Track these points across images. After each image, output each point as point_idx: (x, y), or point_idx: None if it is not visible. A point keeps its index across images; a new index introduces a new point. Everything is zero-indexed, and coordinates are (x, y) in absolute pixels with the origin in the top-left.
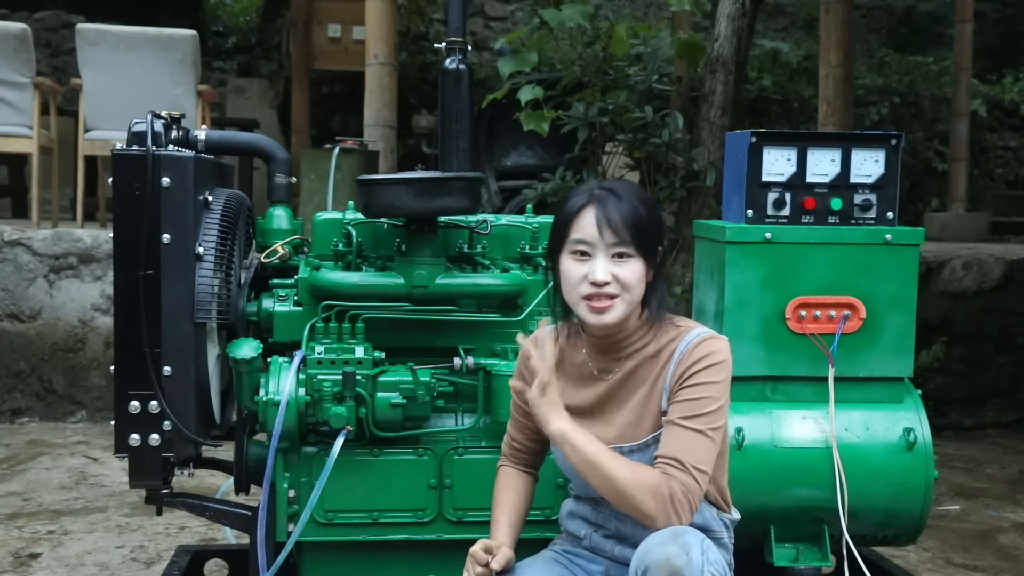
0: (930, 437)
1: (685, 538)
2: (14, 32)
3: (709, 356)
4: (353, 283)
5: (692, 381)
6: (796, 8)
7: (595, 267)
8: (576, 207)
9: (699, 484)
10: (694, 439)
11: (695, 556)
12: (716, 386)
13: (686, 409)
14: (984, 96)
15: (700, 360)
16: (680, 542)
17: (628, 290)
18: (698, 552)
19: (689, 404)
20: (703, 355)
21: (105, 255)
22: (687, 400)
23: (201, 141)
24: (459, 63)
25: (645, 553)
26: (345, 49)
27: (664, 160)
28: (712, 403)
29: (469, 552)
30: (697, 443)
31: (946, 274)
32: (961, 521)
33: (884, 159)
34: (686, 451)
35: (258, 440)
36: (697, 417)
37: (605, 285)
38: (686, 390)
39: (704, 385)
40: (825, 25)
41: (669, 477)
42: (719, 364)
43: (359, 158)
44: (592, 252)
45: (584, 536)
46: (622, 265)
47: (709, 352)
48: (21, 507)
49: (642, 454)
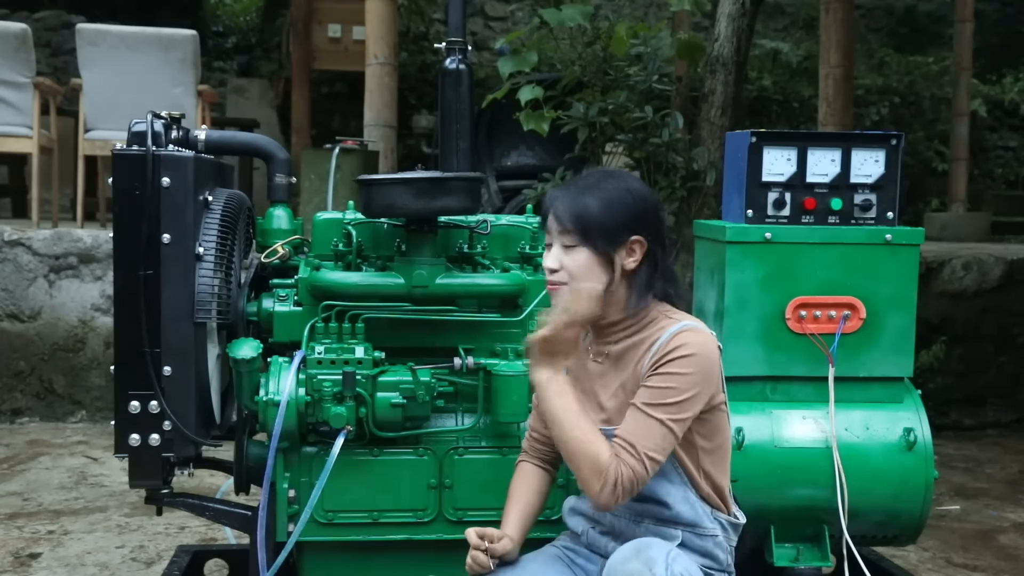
0: (930, 437)
1: (648, 553)
2: (14, 32)
3: (682, 347)
4: (353, 283)
5: (662, 370)
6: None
7: (548, 255)
8: (548, 201)
9: (647, 471)
10: (652, 427)
11: (658, 571)
12: (684, 377)
13: (651, 396)
14: (984, 96)
15: (674, 351)
16: (643, 558)
17: (574, 278)
18: (662, 567)
19: (654, 392)
20: (677, 346)
21: (105, 255)
22: (653, 388)
23: (201, 141)
24: (459, 63)
25: (609, 571)
26: (345, 49)
27: (664, 160)
28: (676, 394)
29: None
30: (654, 430)
31: (946, 274)
32: (961, 521)
33: (884, 159)
34: (641, 436)
35: (258, 440)
36: (660, 406)
37: (554, 272)
38: (654, 378)
39: (672, 375)
40: (825, 25)
41: (619, 461)
42: (691, 357)
43: (359, 158)
44: (551, 241)
45: (582, 532)
46: (568, 255)
47: (683, 343)
48: (21, 507)
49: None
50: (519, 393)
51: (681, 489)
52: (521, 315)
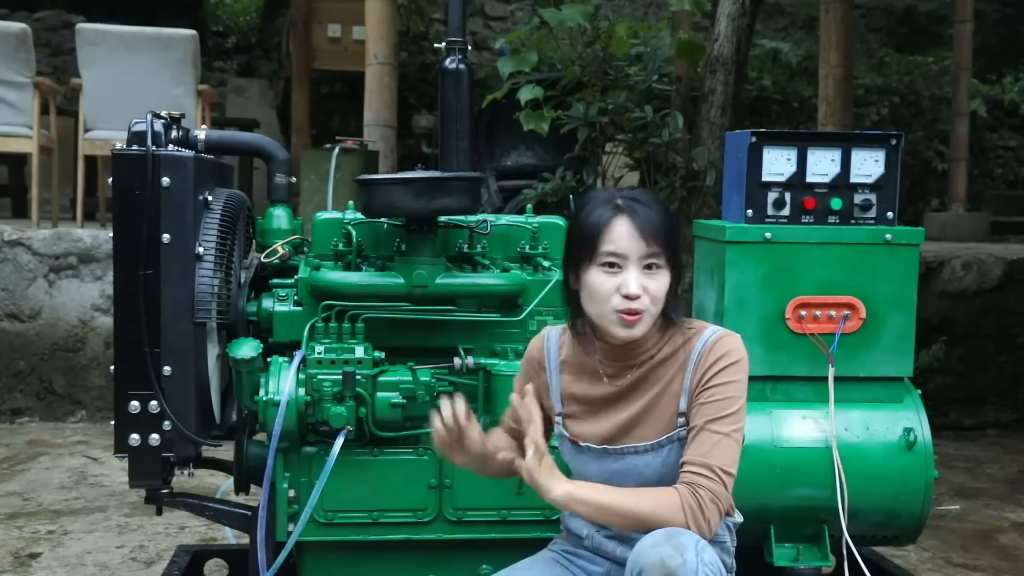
0: (930, 437)
1: (680, 539)
2: (14, 32)
3: (727, 355)
4: (353, 283)
5: (713, 382)
6: (796, 8)
7: (628, 279)
8: (606, 217)
9: (727, 488)
10: (720, 443)
11: (689, 557)
12: (736, 385)
13: (711, 412)
14: (984, 96)
15: (719, 360)
16: (674, 543)
17: (656, 303)
18: (692, 553)
19: (713, 406)
20: (721, 355)
21: (105, 255)
22: (711, 402)
23: (201, 141)
24: (459, 63)
25: (639, 554)
26: (345, 49)
27: (664, 160)
28: (734, 403)
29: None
30: (723, 446)
31: (946, 274)
32: (961, 521)
33: (884, 159)
34: (714, 455)
35: (258, 440)
36: (721, 419)
37: (637, 298)
38: (708, 391)
39: (725, 385)
40: (825, 25)
41: (693, 488)
42: (737, 363)
43: (359, 158)
44: (624, 264)
45: (586, 536)
46: (652, 277)
47: (727, 351)
48: (21, 507)
49: (655, 454)
50: None
51: None
52: (521, 315)
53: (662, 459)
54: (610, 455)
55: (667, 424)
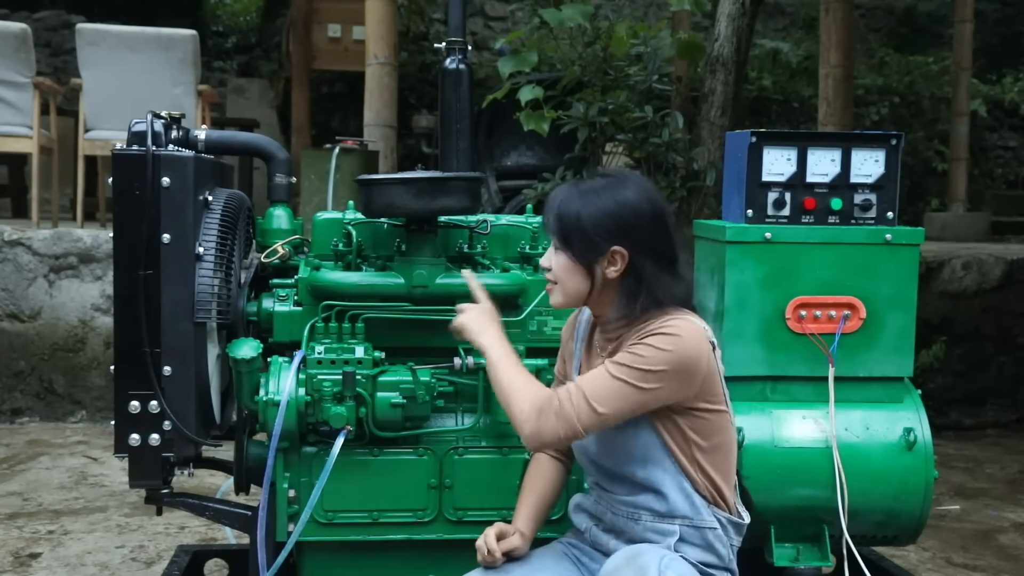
0: (930, 437)
1: (641, 560)
2: (14, 32)
3: (666, 327)
4: (353, 283)
5: (637, 342)
6: (796, 8)
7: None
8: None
9: (586, 416)
10: (606, 380)
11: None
12: (657, 352)
13: (619, 358)
14: (984, 96)
15: (656, 329)
16: (636, 564)
17: (557, 279)
18: (654, 573)
19: (623, 355)
20: (661, 325)
21: (105, 255)
22: (624, 353)
23: (201, 141)
24: (459, 63)
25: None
26: (345, 49)
27: (664, 160)
28: (643, 362)
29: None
30: (606, 383)
31: (946, 274)
32: (961, 521)
33: (884, 159)
34: (592, 384)
35: (258, 440)
36: (623, 367)
37: (547, 271)
38: (629, 346)
39: (646, 346)
40: (825, 25)
41: (558, 397)
42: (671, 336)
43: (359, 158)
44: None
45: (585, 530)
46: (556, 256)
47: (668, 325)
48: (21, 507)
49: (633, 430)
50: None
51: (675, 478)
52: (521, 315)
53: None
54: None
55: None
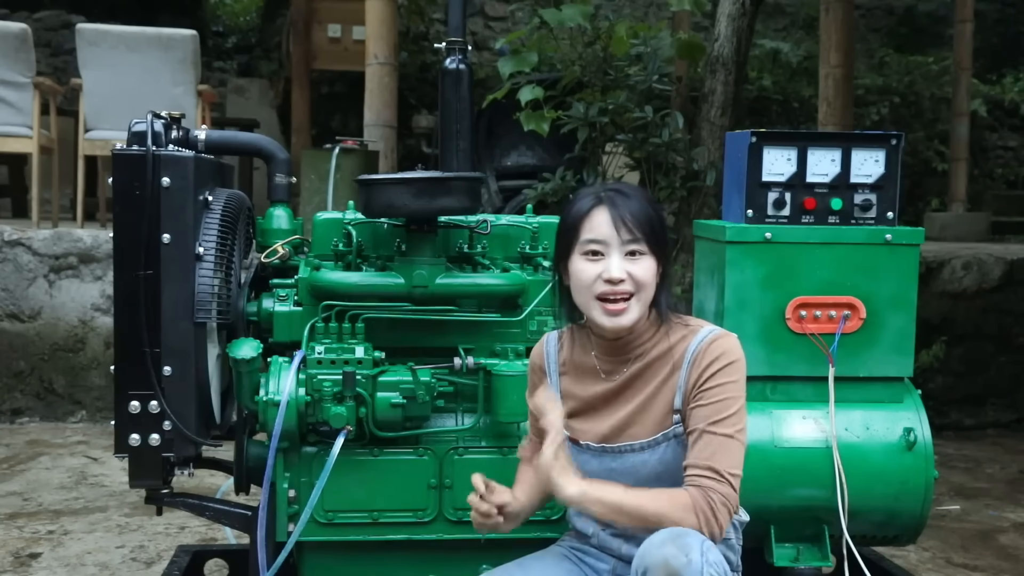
0: (930, 437)
1: (685, 539)
2: (14, 32)
3: (723, 356)
4: (353, 283)
5: (711, 383)
6: (796, 8)
7: (610, 265)
8: (586, 207)
9: (735, 490)
10: (725, 444)
11: (694, 557)
12: (735, 385)
13: (711, 413)
14: (984, 96)
15: (715, 361)
16: (679, 543)
17: (642, 288)
18: (697, 553)
19: (712, 407)
20: (717, 355)
21: (105, 255)
22: (710, 404)
23: (201, 141)
24: (459, 63)
25: (644, 554)
26: (345, 49)
27: (664, 160)
28: (733, 404)
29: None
30: (728, 448)
31: (946, 274)
32: (961, 521)
33: (884, 159)
34: (719, 459)
35: (258, 440)
36: (723, 421)
37: (620, 283)
38: (706, 393)
39: (723, 386)
40: (825, 25)
41: (704, 490)
42: (734, 363)
43: (359, 158)
44: (606, 251)
45: (592, 534)
46: (636, 263)
47: (723, 351)
48: (21, 507)
49: (652, 451)
50: (519, 393)
51: None
52: (521, 315)
53: (659, 457)
54: (608, 453)
55: (662, 421)
